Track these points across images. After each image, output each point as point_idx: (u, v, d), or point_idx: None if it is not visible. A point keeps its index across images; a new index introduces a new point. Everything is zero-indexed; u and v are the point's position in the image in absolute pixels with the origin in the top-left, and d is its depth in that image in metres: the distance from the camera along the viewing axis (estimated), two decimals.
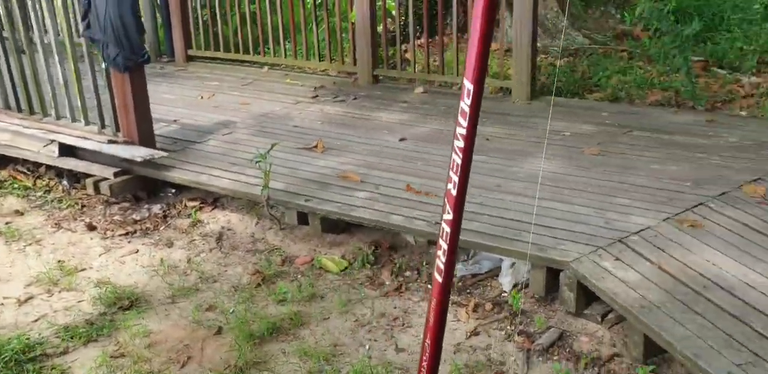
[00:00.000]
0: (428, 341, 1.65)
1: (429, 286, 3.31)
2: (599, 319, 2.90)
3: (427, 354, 1.65)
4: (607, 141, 4.28)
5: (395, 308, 3.17)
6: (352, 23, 5.67)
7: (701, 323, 2.50)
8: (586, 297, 2.92)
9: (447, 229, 1.56)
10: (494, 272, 3.30)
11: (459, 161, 1.51)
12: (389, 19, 5.91)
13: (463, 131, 1.49)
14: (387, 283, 3.35)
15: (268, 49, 6.12)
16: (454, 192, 1.54)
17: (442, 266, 1.59)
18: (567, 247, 3.02)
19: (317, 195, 3.71)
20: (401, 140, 4.48)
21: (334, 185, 3.83)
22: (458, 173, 1.52)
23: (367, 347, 2.92)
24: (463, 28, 5.73)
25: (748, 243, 3.01)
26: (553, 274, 3.02)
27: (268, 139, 4.41)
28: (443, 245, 1.57)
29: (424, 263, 3.43)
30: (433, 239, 3.40)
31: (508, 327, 2.97)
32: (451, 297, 3.08)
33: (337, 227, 3.71)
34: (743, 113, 4.85)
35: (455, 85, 5.51)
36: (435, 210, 3.43)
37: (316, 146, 4.39)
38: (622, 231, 3.14)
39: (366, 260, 3.49)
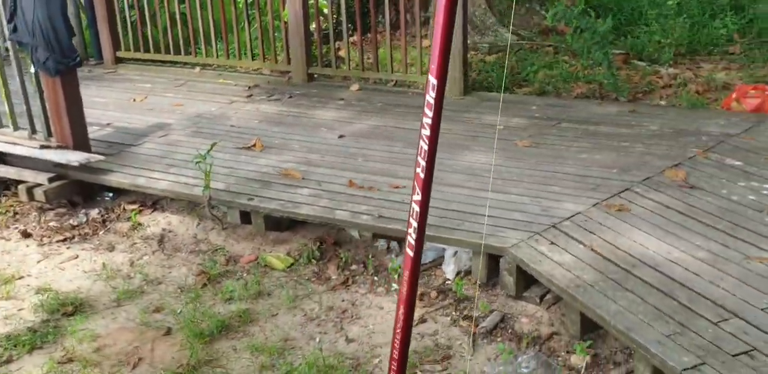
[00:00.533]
0: (402, 310, 1.84)
1: (375, 278, 3.39)
2: (538, 301, 3.05)
3: (401, 321, 1.85)
4: (537, 133, 4.45)
5: (343, 301, 3.24)
6: (285, 22, 5.69)
7: (632, 299, 2.67)
8: (525, 280, 3.06)
9: (416, 208, 1.73)
10: (438, 262, 3.41)
11: (426, 148, 1.66)
12: (322, 18, 5.95)
13: (429, 121, 1.65)
14: (333, 277, 3.41)
15: (200, 49, 6.07)
16: (422, 176, 1.69)
17: (413, 242, 1.76)
18: (506, 234, 3.15)
19: (259, 194, 3.73)
20: (340, 136, 4.54)
21: (276, 183, 3.86)
22: (426, 159, 1.67)
23: (317, 340, 2.97)
24: (395, 25, 5.83)
25: (671, 224, 3.22)
26: (493, 260, 3.15)
27: (205, 139, 4.39)
28: (413, 223, 1.74)
29: (370, 257, 3.51)
30: (378, 232, 3.48)
31: (453, 313, 3.08)
32: (399, 288, 3.18)
33: (280, 224, 3.74)
34: (663, 103, 5.12)
35: (390, 82, 5.60)
36: (378, 204, 3.51)
37: (254, 145, 4.40)
38: (555, 217, 3.30)
39: (311, 256, 3.54)
